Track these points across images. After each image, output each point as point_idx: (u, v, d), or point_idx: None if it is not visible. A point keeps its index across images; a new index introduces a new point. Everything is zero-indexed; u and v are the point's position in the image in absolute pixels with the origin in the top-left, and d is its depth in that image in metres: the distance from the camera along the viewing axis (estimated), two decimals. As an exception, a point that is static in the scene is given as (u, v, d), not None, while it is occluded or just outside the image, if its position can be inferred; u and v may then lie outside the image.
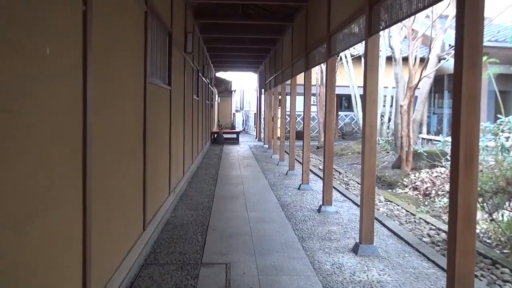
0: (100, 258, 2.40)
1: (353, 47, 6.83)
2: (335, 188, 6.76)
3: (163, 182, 4.88)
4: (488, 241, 4.31)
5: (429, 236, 4.56)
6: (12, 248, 1.49)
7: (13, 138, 1.49)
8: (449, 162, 7.63)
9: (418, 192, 6.77)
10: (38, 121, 1.66)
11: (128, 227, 3.16)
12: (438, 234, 4.61)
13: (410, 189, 7.04)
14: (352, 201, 6.09)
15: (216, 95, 22.49)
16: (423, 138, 12.63)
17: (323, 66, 13.21)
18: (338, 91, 15.31)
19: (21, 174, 1.54)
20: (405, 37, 9.84)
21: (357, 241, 4.05)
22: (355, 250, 3.94)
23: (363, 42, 4.02)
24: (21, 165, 1.54)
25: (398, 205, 5.88)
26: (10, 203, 1.47)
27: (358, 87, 13.93)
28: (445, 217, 5.29)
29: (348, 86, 14.71)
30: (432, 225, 4.92)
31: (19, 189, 1.53)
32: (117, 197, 2.82)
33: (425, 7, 2.90)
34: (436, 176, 7.02)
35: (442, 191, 6.45)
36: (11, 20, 1.46)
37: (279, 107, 13.74)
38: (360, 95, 13.53)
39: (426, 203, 6.24)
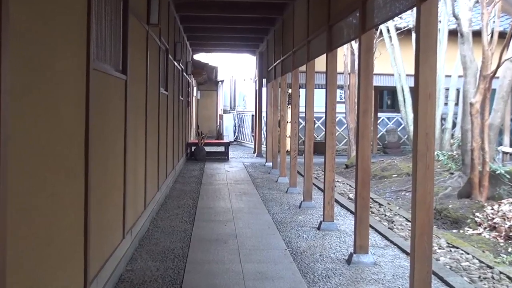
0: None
1: (400, 16, 6.90)
2: (373, 228, 6.75)
3: (115, 219, 4.86)
4: None
5: (515, 300, 4.54)
6: None
7: None
8: (544, 188, 7.64)
9: (497, 233, 6.76)
10: None
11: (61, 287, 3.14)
12: (528, 297, 4.59)
13: (485, 228, 7.02)
14: (398, 247, 6.07)
15: (195, 88, 22.59)
16: (504, 152, 12.65)
17: (355, 44, 13.30)
18: (377, 82, 15.43)
19: None
20: (477, 2, 9.93)
21: (407, 307, 4.03)
22: (403, 321, 3.91)
23: (414, 8, 4.06)
24: None
25: (468, 253, 5.87)
26: None
27: (407, 75, 14.00)
28: (539, 271, 5.27)
29: (392, 75, 14.78)
30: (520, 283, 4.90)
31: None
32: (43, 240, 2.80)
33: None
34: (524, 210, 7.01)
35: (534, 231, 6.44)
36: None
37: (289, 105, 13.82)
38: (410, 87, 13.60)
39: (510, 249, 6.22)
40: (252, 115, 21.12)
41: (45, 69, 2.81)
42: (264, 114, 17.42)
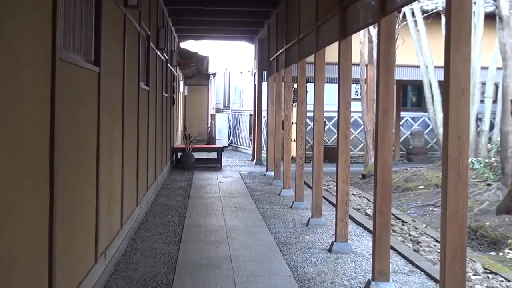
0: None
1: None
2: (394, 250, 6.74)
3: (86, 239, 4.84)
4: None
5: None
6: None
7: None
8: None
9: (544, 257, 6.74)
10: None
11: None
12: None
13: (530, 251, 7.00)
14: (425, 273, 6.06)
15: (182, 83, 22.60)
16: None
17: (373, 30, 13.31)
18: (399, 75, 15.42)
19: None
20: (518, -20, 9.95)
21: None
22: None
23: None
24: None
25: (509, 280, 5.85)
26: None
27: (436, 67, 14.02)
28: None
29: (418, 67, 14.80)
30: None
31: None
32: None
33: None
34: None
35: None
36: None
37: (294, 103, 13.81)
38: (439, 82, 13.62)
39: (560, 276, 6.20)
40: (250, 115, 21.13)
41: (6, 61, 2.79)
42: (264, 113, 17.42)
